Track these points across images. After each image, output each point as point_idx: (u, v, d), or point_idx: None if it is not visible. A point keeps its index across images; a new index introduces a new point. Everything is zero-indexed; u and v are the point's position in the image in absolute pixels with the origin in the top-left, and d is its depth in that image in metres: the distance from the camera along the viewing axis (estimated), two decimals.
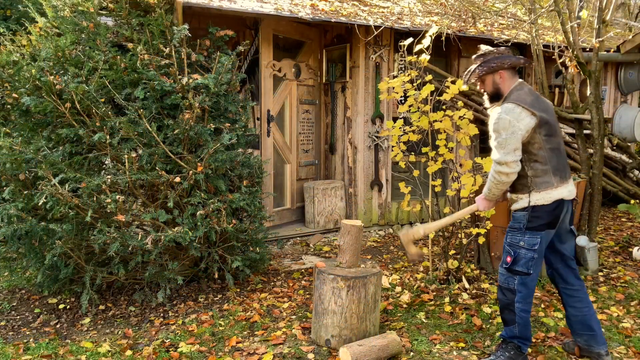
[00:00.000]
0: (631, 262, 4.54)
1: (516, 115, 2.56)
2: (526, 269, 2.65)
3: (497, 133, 2.59)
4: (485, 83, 2.75)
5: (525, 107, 2.56)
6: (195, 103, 3.47)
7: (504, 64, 2.67)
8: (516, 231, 2.68)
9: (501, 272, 2.75)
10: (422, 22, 5.83)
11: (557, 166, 2.64)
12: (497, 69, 2.69)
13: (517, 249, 2.66)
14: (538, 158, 2.61)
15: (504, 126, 2.56)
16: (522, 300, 2.68)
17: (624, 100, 7.54)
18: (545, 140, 2.60)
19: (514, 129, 2.55)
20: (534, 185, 2.62)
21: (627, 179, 6.76)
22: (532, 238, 2.63)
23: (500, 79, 2.71)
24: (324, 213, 5.68)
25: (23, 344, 3.16)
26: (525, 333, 2.73)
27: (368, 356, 2.77)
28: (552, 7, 4.38)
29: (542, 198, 2.61)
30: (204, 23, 4.24)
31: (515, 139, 2.55)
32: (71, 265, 3.49)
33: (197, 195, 3.52)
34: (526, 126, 2.56)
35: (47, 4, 3.95)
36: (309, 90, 6.04)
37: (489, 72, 2.69)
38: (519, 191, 2.68)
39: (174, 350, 3.04)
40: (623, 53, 6.43)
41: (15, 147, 3.36)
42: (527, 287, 2.67)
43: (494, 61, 2.69)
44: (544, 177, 2.61)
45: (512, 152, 2.56)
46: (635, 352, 2.94)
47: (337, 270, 3.08)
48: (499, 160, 2.59)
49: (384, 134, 5.36)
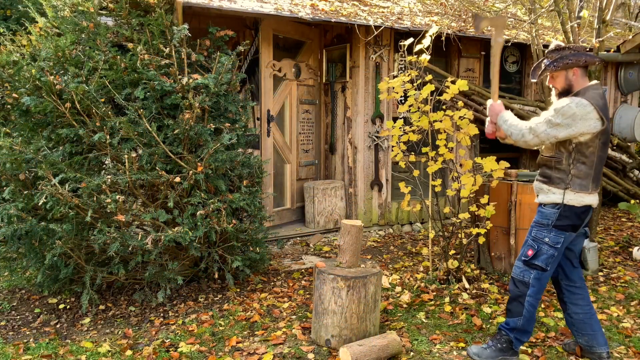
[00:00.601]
0: (631, 262, 4.54)
1: (583, 112, 2.51)
2: (545, 264, 2.68)
3: (555, 112, 2.55)
4: (557, 79, 2.70)
5: (597, 108, 2.52)
6: (195, 103, 3.47)
7: (580, 61, 2.62)
8: (543, 227, 2.69)
9: (517, 265, 2.77)
10: (422, 22, 5.84)
11: (597, 174, 2.65)
12: (573, 66, 2.63)
13: (541, 244, 2.68)
14: (587, 161, 2.60)
15: (566, 112, 2.53)
16: (534, 295, 2.71)
17: (624, 100, 7.54)
18: (600, 147, 2.60)
19: (572, 121, 2.52)
20: (572, 184, 2.62)
21: (627, 178, 6.76)
22: (557, 236, 2.65)
23: (574, 76, 2.66)
24: (324, 213, 5.68)
25: (23, 344, 3.16)
26: (528, 327, 2.76)
27: (368, 356, 2.77)
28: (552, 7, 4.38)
29: (575, 199, 2.62)
30: (204, 23, 4.24)
31: (564, 130, 2.54)
32: (71, 265, 3.49)
33: (197, 195, 3.52)
34: (587, 128, 2.53)
35: (47, 4, 3.95)
36: (309, 90, 6.04)
37: (564, 68, 2.64)
38: (555, 184, 2.66)
39: (174, 350, 3.04)
40: (623, 53, 6.43)
41: (15, 147, 3.36)
42: (540, 282, 2.71)
43: (570, 57, 2.63)
44: (584, 181, 2.61)
45: (549, 136, 2.57)
46: (635, 352, 2.94)
47: (337, 270, 3.08)
48: (536, 130, 2.59)
49: (384, 134, 5.36)
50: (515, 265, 2.80)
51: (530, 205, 3.98)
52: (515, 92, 6.90)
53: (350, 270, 3.11)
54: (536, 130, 2.60)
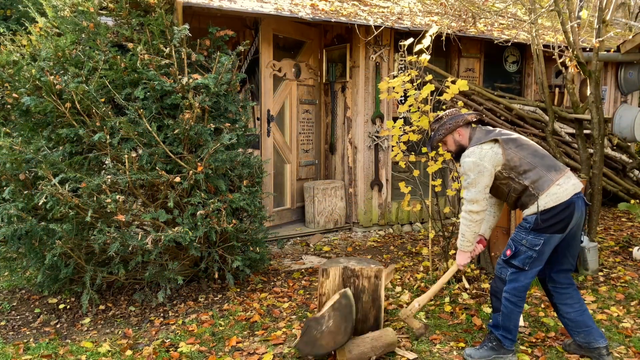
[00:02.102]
0: (631, 262, 4.54)
1: (479, 157, 2.74)
2: (522, 264, 2.73)
3: (465, 175, 2.79)
4: (448, 144, 2.97)
5: (483, 142, 2.77)
6: (195, 103, 3.47)
7: (458, 122, 2.90)
8: (522, 229, 2.75)
9: (498, 262, 2.86)
10: (422, 22, 5.83)
11: (544, 164, 2.74)
12: (455, 128, 2.90)
13: (519, 245, 2.75)
14: (525, 167, 2.73)
15: (469, 167, 2.76)
16: (511, 291, 2.76)
17: (624, 100, 7.54)
18: (518, 150, 2.75)
19: (479, 169, 2.73)
20: (538, 189, 2.69)
21: (627, 178, 6.76)
22: (535, 239, 2.70)
23: (460, 136, 2.92)
24: (324, 213, 5.68)
25: (23, 343, 3.16)
26: (508, 324, 2.79)
27: (362, 346, 2.79)
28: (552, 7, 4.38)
29: (550, 200, 2.66)
30: (204, 23, 4.24)
31: (483, 178, 2.74)
32: (71, 265, 3.49)
33: (197, 195, 3.52)
34: (494, 163, 2.74)
35: (47, 4, 3.95)
36: (309, 90, 6.04)
37: (448, 132, 2.91)
38: (528, 204, 2.75)
39: (174, 350, 3.04)
40: (623, 53, 6.42)
41: (15, 147, 3.36)
42: (517, 280, 2.75)
43: (448, 122, 2.92)
44: (541, 179, 2.70)
45: (482, 189, 2.75)
46: (635, 352, 2.94)
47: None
48: (471, 198, 2.77)
49: (384, 134, 5.36)
50: (497, 263, 2.88)
51: None
52: (516, 92, 6.90)
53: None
54: (470, 199, 2.78)
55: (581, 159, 4.46)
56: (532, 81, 6.88)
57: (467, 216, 2.82)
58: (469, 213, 2.80)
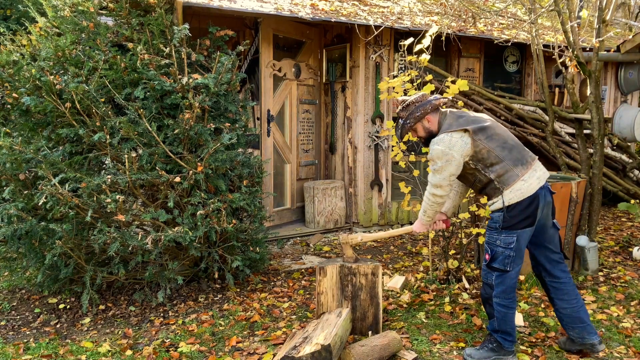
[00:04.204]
0: (631, 262, 4.54)
1: (448, 145, 2.70)
2: (503, 266, 2.74)
3: (432, 161, 2.76)
4: (418, 131, 2.91)
5: (454, 130, 2.71)
6: (195, 103, 3.47)
7: (427, 109, 2.82)
8: (493, 230, 2.78)
9: (483, 268, 2.87)
10: (422, 22, 5.83)
11: (513, 158, 2.73)
12: (423, 116, 2.83)
13: (494, 247, 2.77)
14: (492, 160, 2.72)
15: (437, 155, 2.72)
16: (500, 295, 2.76)
17: (624, 100, 7.53)
18: (487, 142, 2.71)
19: (447, 157, 2.70)
20: (503, 183, 2.71)
21: (627, 178, 6.76)
22: (508, 237, 2.72)
23: (429, 122, 2.86)
24: (324, 213, 5.68)
25: (23, 343, 3.16)
26: (505, 327, 2.79)
27: (370, 356, 2.77)
28: (552, 7, 4.37)
29: (515, 196, 2.69)
30: (204, 23, 4.24)
31: (450, 166, 2.71)
32: (71, 265, 3.49)
33: (197, 195, 3.52)
34: (462, 151, 2.70)
35: (47, 3, 3.95)
36: (309, 90, 6.04)
37: (418, 120, 2.85)
38: (492, 196, 2.77)
39: (174, 350, 3.04)
40: (623, 53, 6.42)
41: (15, 147, 3.36)
42: (504, 283, 2.76)
43: (417, 110, 2.83)
44: (507, 173, 2.70)
45: (447, 177, 2.74)
46: (635, 352, 2.94)
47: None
48: (435, 183, 2.77)
49: (384, 134, 5.37)
50: (482, 269, 2.88)
51: None
52: (516, 92, 6.90)
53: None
54: (434, 184, 2.77)
55: (581, 158, 4.46)
56: (532, 81, 6.88)
57: (430, 197, 2.84)
58: (432, 195, 2.83)
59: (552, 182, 4.05)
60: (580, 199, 4.12)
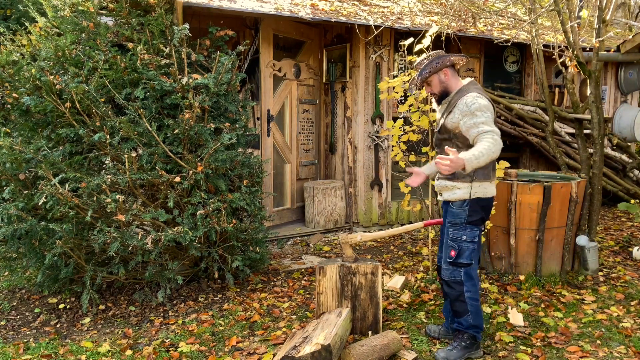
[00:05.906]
0: (631, 262, 4.54)
1: (487, 102, 2.68)
2: (469, 260, 2.81)
3: (480, 112, 2.61)
4: (432, 85, 2.84)
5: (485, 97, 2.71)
6: (195, 103, 3.47)
7: (446, 61, 2.79)
8: (457, 226, 2.81)
9: (445, 268, 2.87)
10: (422, 22, 5.83)
11: (492, 163, 2.78)
12: (441, 68, 2.79)
13: (460, 242, 2.81)
14: None
15: (483, 107, 2.62)
16: (471, 289, 2.82)
17: (624, 100, 7.54)
18: None
19: (491, 111, 2.66)
20: (477, 175, 2.73)
21: (627, 178, 6.76)
22: (472, 231, 2.80)
23: (446, 77, 2.81)
24: (324, 213, 5.68)
25: (23, 343, 3.16)
26: (479, 321, 2.84)
27: (370, 356, 2.77)
28: (552, 7, 4.37)
29: (480, 191, 2.75)
30: (204, 23, 4.24)
31: (492, 120, 2.64)
32: (71, 265, 3.49)
33: (197, 195, 3.52)
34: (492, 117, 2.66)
35: (47, 3, 3.95)
36: (309, 90, 6.04)
37: (434, 71, 2.79)
38: (460, 179, 2.75)
39: (174, 350, 3.05)
40: (623, 53, 6.42)
41: (15, 147, 3.36)
42: (470, 276, 2.82)
43: (436, 61, 2.80)
44: (484, 170, 2.74)
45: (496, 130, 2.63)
46: (635, 352, 2.94)
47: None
48: (494, 130, 2.56)
49: (384, 134, 5.36)
50: (443, 269, 2.89)
51: (530, 205, 3.98)
52: (515, 92, 6.90)
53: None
54: (495, 131, 2.55)
55: (581, 158, 4.46)
56: (532, 81, 6.88)
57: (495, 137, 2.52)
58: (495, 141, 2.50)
59: (552, 182, 4.05)
60: (580, 199, 4.12)
